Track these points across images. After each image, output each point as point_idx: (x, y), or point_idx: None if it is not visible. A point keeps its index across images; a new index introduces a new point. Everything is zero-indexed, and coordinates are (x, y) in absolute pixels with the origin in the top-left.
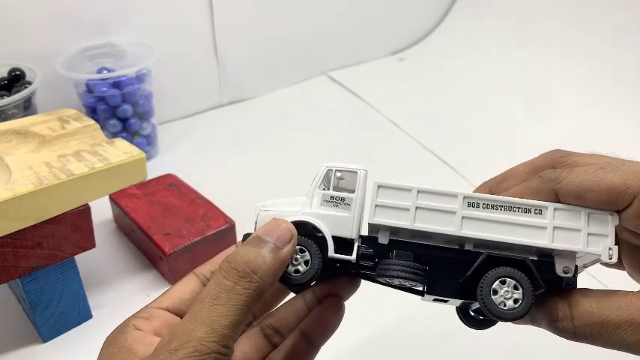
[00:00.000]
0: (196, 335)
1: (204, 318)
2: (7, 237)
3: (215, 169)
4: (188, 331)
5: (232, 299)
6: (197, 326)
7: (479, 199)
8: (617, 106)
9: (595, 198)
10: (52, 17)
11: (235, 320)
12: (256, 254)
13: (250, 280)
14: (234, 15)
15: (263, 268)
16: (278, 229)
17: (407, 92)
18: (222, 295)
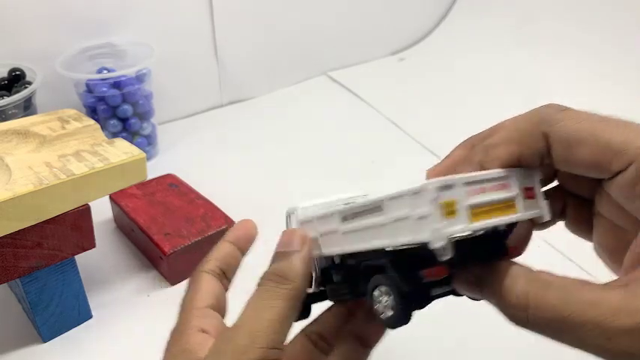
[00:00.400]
0: (247, 323)
1: (251, 310)
2: (7, 237)
3: (215, 169)
4: (239, 323)
5: (273, 295)
6: (246, 317)
7: (347, 212)
8: (618, 106)
9: (587, 153)
10: (52, 17)
11: (281, 311)
12: (282, 264)
13: (284, 284)
14: (234, 15)
15: (292, 272)
16: (291, 237)
17: (407, 92)
18: (264, 294)
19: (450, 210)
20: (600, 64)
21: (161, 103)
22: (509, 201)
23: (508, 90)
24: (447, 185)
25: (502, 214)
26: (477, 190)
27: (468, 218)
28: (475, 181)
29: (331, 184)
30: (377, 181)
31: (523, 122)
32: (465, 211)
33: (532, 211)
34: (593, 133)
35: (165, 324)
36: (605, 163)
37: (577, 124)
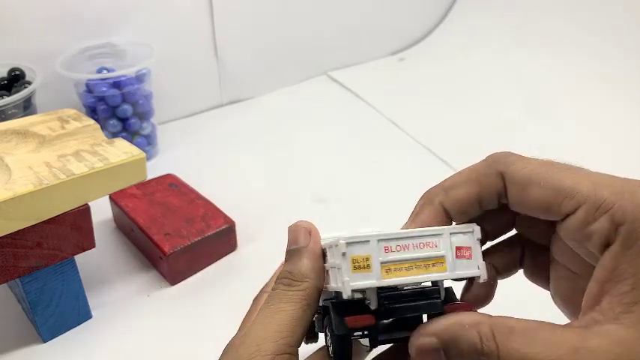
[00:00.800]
0: (252, 331)
1: (260, 317)
2: (7, 237)
3: (215, 169)
4: (247, 331)
5: (284, 299)
6: (254, 324)
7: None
8: (618, 106)
9: (539, 195)
10: (52, 17)
11: (291, 314)
12: (290, 264)
13: (294, 286)
14: (234, 15)
15: (300, 272)
16: (296, 233)
17: (407, 92)
18: (274, 298)
19: (363, 264)
20: (600, 64)
21: (161, 103)
22: (437, 259)
23: (508, 90)
24: (360, 241)
25: (425, 272)
26: (396, 247)
27: (381, 274)
28: (394, 238)
29: (331, 183)
30: (377, 181)
31: (479, 165)
32: (378, 266)
33: (465, 271)
34: (544, 176)
35: (165, 324)
36: (556, 206)
37: (530, 166)
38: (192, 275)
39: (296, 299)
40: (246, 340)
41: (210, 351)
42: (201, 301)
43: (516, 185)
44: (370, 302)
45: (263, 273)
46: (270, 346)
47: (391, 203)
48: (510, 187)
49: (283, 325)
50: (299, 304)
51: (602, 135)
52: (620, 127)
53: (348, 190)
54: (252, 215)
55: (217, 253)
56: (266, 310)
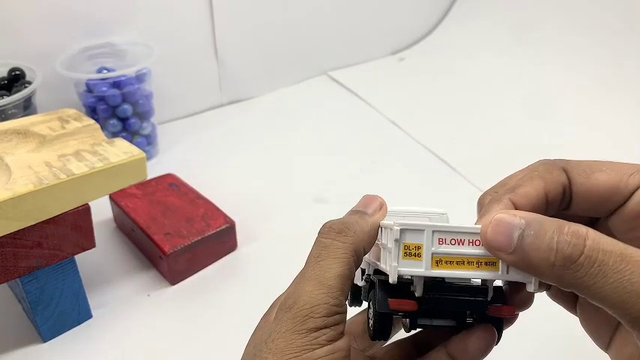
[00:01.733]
0: (305, 290)
1: (310, 275)
2: (7, 237)
3: (215, 169)
4: (298, 290)
5: (332, 253)
6: (305, 283)
7: None
8: (618, 106)
9: (605, 178)
10: (52, 17)
11: (339, 272)
12: (349, 217)
13: (346, 235)
14: (234, 15)
15: (356, 226)
16: (369, 200)
17: (407, 92)
18: (322, 253)
19: (414, 252)
20: (600, 65)
21: (161, 103)
22: (490, 259)
23: (508, 90)
24: (415, 229)
25: (475, 269)
26: (450, 241)
27: (430, 264)
28: (449, 231)
29: (331, 184)
30: (377, 181)
31: (535, 165)
32: (429, 256)
33: (516, 275)
34: (604, 163)
35: (165, 324)
36: (622, 184)
37: (587, 162)
38: (192, 275)
39: (345, 254)
40: (299, 300)
41: (210, 351)
42: (201, 301)
43: (581, 174)
44: (416, 289)
45: (263, 273)
46: (324, 307)
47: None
48: (576, 176)
49: (334, 284)
50: (347, 261)
51: (602, 135)
52: (620, 127)
53: (348, 190)
54: (252, 215)
55: (217, 253)
56: (316, 267)
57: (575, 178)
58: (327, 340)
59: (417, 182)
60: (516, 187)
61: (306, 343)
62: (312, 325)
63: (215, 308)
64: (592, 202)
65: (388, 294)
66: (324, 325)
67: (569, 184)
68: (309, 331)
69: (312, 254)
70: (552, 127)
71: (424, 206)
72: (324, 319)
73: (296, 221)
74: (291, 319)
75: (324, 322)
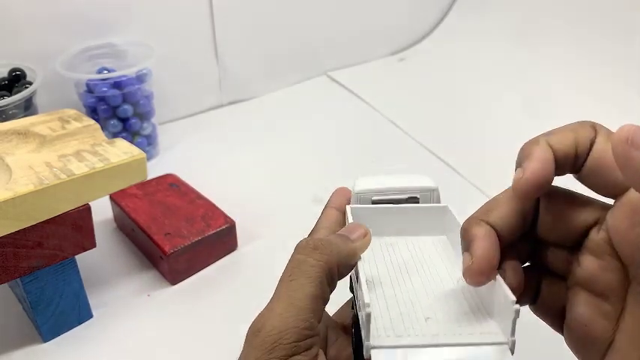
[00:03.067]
0: (274, 313)
1: (281, 294)
2: (8, 237)
3: (215, 169)
4: (267, 312)
5: (305, 272)
6: (275, 304)
7: None
8: (618, 106)
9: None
10: (52, 17)
11: (310, 292)
12: (330, 237)
13: (321, 253)
14: (234, 15)
15: (333, 246)
16: (354, 228)
17: (407, 92)
18: (295, 271)
19: None
20: (601, 64)
21: (161, 103)
22: None
23: (508, 90)
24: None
25: None
26: None
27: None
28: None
29: (331, 184)
30: None
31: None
32: None
33: None
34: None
35: (166, 324)
36: None
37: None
38: (192, 275)
39: (317, 273)
40: (267, 325)
41: (210, 351)
42: (202, 301)
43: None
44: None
45: (263, 273)
46: (293, 332)
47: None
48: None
49: (305, 306)
50: (318, 281)
51: None
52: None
53: None
54: (252, 215)
55: (217, 253)
56: (288, 287)
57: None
58: None
59: None
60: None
61: None
62: (282, 353)
63: (215, 308)
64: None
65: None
66: (294, 352)
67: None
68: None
69: (286, 272)
70: (552, 127)
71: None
72: (293, 344)
73: (296, 221)
74: (259, 345)
75: (293, 349)
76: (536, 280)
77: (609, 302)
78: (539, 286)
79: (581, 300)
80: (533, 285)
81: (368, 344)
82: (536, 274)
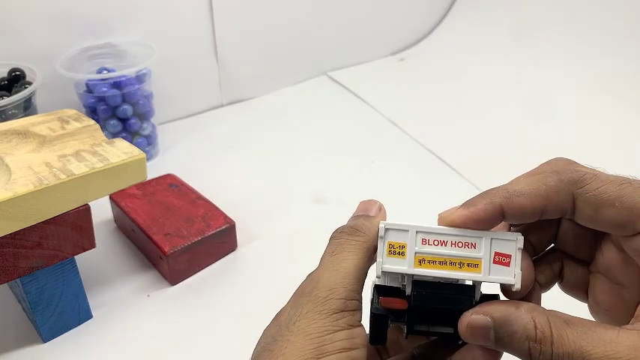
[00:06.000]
0: (323, 276)
1: (326, 265)
2: (7, 237)
3: (215, 169)
4: (315, 277)
5: (347, 248)
6: (322, 271)
7: None
8: (618, 106)
9: (614, 215)
10: (52, 17)
11: (354, 262)
12: (356, 221)
13: (358, 235)
14: (234, 15)
15: (365, 228)
16: (368, 204)
17: (407, 92)
18: (337, 248)
19: (398, 251)
20: (600, 65)
21: (161, 104)
22: (472, 260)
23: (507, 89)
24: (399, 229)
25: (457, 270)
26: (434, 241)
27: (413, 263)
28: (433, 232)
29: (331, 184)
30: (377, 181)
31: (550, 178)
32: (412, 255)
33: (499, 277)
34: (619, 197)
35: (165, 324)
36: (630, 224)
37: (604, 186)
38: (192, 275)
39: (359, 248)
40: (319, 285)
41: (210, 351)
42: (201, 301)
43: (590, 206)
44: (406, 288)
45: (263, 273)
46: (342, 291)
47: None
48: (582, 207)
49: (350, 272)
50: (361, 255)
51: (602, 135)
52: (621, 126)
53: (348, 191)
54: (252, 215)
55: (217, 253)
56: (332, 259)
57: (582, 208)
58: (346, 323)
59: (417, 182)
60: (516, 196)
61: (328, 324)
62: (333, 305)
63: (215, 308)
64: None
65: (381, 294)
66: (344, 308)
67: (573, 212)
68: (330, 312)
69: (327, 251)
70: (552, 127)
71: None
72: (343, 300)
73: (296, 221)
74: (312, 300)
75: (344, 305)
76: (559, 264)
77: (628, 291)
78: (561, 271)
79: (603, 286)
80: (557, 270)
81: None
82: (560, 258)
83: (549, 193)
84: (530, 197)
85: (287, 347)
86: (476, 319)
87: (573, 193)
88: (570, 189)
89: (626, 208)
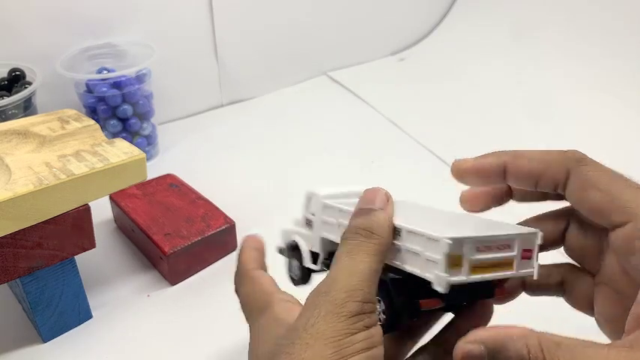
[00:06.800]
0: (340, 277)
1: (344, 266)
2: (8, 237)
3: (215, 169)
4: (333, 278)
5: (364, 250)
6: (338, 273)
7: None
8: (618, 105)
9: (596, 198)
10: (52, 17)
11: (370, 266)
12: (369, 219)
13: (373, 239)
14: (234, 15)
15: (379, 229)
16: (374, 195)
17: (407, 92)
18: (354, 249)
19: (456, 263)
20: (600, 64)
21: (161, 104)
22: (508, 259)
23: (508, 90)
24: (459, 242)
25: (499, 270)
26: (482, 249)
27: (469, 272)
28: (484, 241)
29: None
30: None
31: (555, 152)
32: (468, 265)
33: (525, 270)
34: (607, 184)
35: (165, 324)
36: (607, 213)
37: (598, 172)
38: (192, 275)
39: (375, 252)
40: (336, 286)
41: (210, 351)
42: (201, 301)
43: (578, 183)
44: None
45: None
46: (359, 293)
47: None
48: (573, 183)
49: (367, 275)
50: (377, 257)
51: (602, 135)
52: (621, 126)
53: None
54: (252, 215)
55: (217, 253)
56: (349, 261)
57: (571, 182)
58: (364, 325)
59: (417, 182)
60: (519, 157)
61: (346, 327)
62: (352, 308)
63: (215, 308)
64: (582, 212)
65: (411, 294)
66: (362, 311)
67: (565, 187)
68: (349, 315)
69: (343, 252)
70: (552, 127)
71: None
72: (361, 303)
73: None
74: (329, 302)
75: (361, 307)
76: (562, 275)
77: (631, 301)
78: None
79: (607, 297)
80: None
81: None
82: (563, 269)
83: (550, 162)
84: (532, 162)
85: (307, 351)
86: (470, 350)
87: (569, 169)
88: (568, 164)
89: (610, 196)
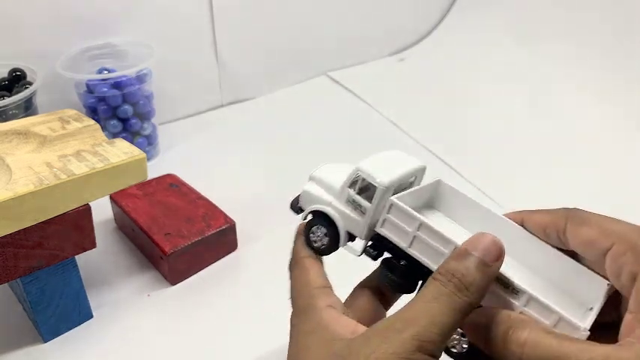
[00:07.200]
0: (422, 324)
1: (424, 310)
2: (8, 237)
3: (215, 169)
4: (413, 319)
5: (451, 302)
6: (423, 318)
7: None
8: (618, 105)
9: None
10: (52, 17)
11: (451, 321)
12: (466, 270)
13: (465, 295)
14: (234, 15)
15: (474, 287)
16: (484, 242)
17: (407, 92)
18: (442, 297)
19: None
20: (601, 62)
21: (161, 104)
22: None
23: (508, 90)
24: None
25: None
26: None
27: None
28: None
29: None
30: None
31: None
32: None
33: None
34: (597, 220)
35: (166, 324)
36: (597, 241)
37: (590, 214)
38: (192, 275)
39: (462, 310)
40: (412, 330)
41: (210, 351)
42: (202, 301)
43: (574, 223)
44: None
45: (263, 273)
46: (431, 346)
47: None
48: (569, 226)
49: (446, 331)
50: (463, 315)
51: (603, 134)
52: (621, 125)
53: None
54: (252, 215)
55: (217, 253)
56: (436, 308)
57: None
58: None
59: None
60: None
61: None
62: (422, 356)
63: (215, 308)
64: (579, 249)
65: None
66: (431, 355)
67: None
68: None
69: (432, 293)
70: (552, 127)
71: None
72: (430, 357)
73: (296, 222)
74: (400, 343)
75: (432, 353)
76: None
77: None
78: None
79: None
80: None
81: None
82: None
83: (553, 215)
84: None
85: None
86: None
87: (567, 216)
88: (567, 213)
89: (599, 228)
